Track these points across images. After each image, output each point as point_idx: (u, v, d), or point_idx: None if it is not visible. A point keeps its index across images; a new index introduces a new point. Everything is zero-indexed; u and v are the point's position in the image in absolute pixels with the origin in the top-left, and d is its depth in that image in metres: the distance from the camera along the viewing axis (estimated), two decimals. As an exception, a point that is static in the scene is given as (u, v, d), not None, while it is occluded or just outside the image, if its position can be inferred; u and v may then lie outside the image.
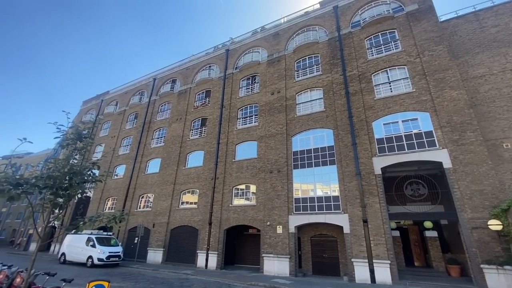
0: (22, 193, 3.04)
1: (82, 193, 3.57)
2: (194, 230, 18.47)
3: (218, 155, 19.81)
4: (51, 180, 3.08)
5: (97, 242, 16.80)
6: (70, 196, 3.34)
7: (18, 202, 46.45)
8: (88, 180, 3.47)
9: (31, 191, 3.05)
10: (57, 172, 3.23)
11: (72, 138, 3.60)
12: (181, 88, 25.65)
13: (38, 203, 3.34)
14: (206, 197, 18.92)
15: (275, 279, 12.77)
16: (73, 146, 3.61)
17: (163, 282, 11.55)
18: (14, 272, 5.33)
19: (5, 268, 5.55)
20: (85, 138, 3.69)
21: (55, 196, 3.17)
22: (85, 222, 3.45)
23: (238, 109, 20.97)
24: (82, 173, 3.37)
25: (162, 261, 18.59)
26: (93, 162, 3.64)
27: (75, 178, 3.22)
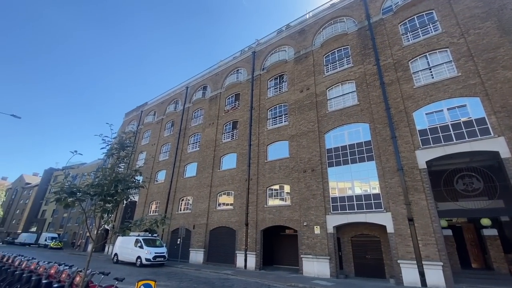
0: (76, 200, 3.41)
1: (127, 198, 3.87)
2: (231, 231, 18.89)
3: (250, 156, 20.03)
4: (99, 188, 3.40)
5: (144, 244, 18.07)
6: (117, 201, 3.65)
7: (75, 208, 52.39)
8: (131, 186, 3.75)
9: (83, 199, 3.41)
10: (104, 180, 3.55)
11: (116, 148, 3.93)
12: (212, 94, 26.50)
13: (90, 209, 3.70)
14: (241, 198, 19.22)
15: (315, 280, 12.47)
16: (117, 155, 3.93)
17: (205, 282, 11.98)
18: (74, 272, 5.97)
19: (67, 268, 6.25)
20: (127, 147, 4.00)
21: (104, 202, 3.49)
22: (130, 226, 3.73)
23: (267, 110, 20.99)
24: (126, 180, 3.66)
25: (203, 261, 19.33)
26: (135, 169, 3.94)
27: (120, 185, 3.51)
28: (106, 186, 3.44)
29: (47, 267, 6.77)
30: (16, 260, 8.49)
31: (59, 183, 3.35)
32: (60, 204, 3.37)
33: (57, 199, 3.32)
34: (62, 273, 5.93)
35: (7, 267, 8.13)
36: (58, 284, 5.41)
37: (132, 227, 3.73)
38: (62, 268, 6.31)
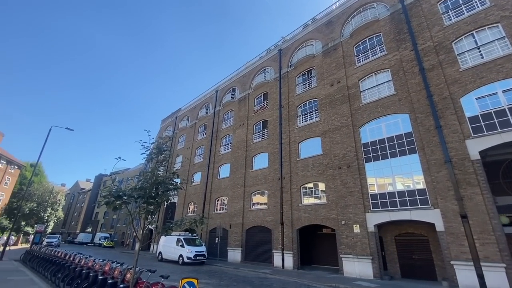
0: (122, 203, 3.69)
1: (167, 200, 4.07)
2: (267, 230, 18.94)
3: (282, 155, 19.88)
4: (142, 191, 3.64)
5: (185, 243, 18.97)
6: (158, 203, 3.86)
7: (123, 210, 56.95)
8: (170, 188, 3.95)
9: (128, 201, 3.67)
10: (146, 183, 3.79)
11: (155, 153, 4.17)
12: (241, 95, 26.86)
13: (135, 211, 3.97)
14: (275, 197, 19.16)
15: (357, 281, 11.93)
16: (156, 159, 4.16)
17: (244, 281, 12.17)
18: (125, 269, 6.46)
19: (118, 265, 6.80)
20: (164, 151, 4.22)
21: (147, 204, 3.72)
22: (172, 226, 3.92)
23: (297, 107, 20.65)
24: (165, 183, 3.86)
25: (241, 260, 19.67)
26: (173, 172, 4.15)
27: (160, 188, 3.71)
28: (148, 189, 3.67)
29: (102, 265, 7.44)
30: (76, 257, 9.49)
31: (107, 188, 3.66)
32: (108, 207, 3.68)
33: (106, 202, 3.62)
34: (115, 270, 6.47)
35: (69, 264, 9.12)
36: (112, 280, 5.92)
37: (173, 227, 3.91)
38: (115, 266, 6.88)
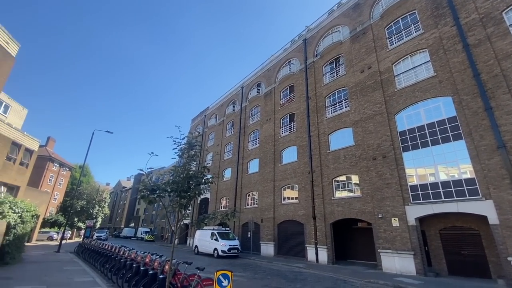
0: (156, 197, 3.84)
1: (199, 194, 4.15)
2: (299, 224, 18.72)
3: (311, 148, 19.40)
4: (174, 185, 3.74)
5: (218, 236, 19.53)
6: (191, 197, 3.95)
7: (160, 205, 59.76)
8: (202, 182, 4.01)
9: (163, 195, 3.81)
10: (178, 177, 3.89)
11: (186, 148, 4.26)
12: (266, 90, 26.68)
13: (169, 205, 4.10)
14: (306, 191, 18.82)
15: (398, 277, 11.27)
16: (187, 154, 4.26)
17: (278, 274, 12.17)
18: (164, 261, 6.79)
19: (157, 257, 7.19)
20: (194, 146, 4.29)
21: (180, 198, 3.82)
22: (205, 219, 3.98)
23: (325, 97, 19.94)
24: (197, 177, 3.92)
25: (274, 254, 19.74)
26: (204, 166, 4.21)
27: (192, 181, 3.79)
28: (180, 183, 3.77)
29: (143, 257, 7.93)
30: (121, 250, 10.25)
31: (143, 183, 3.84)
32: (144, 201, 3.85)
33: (141, 196, 3.80)
34: (154, 261, 6.85)
35: (115, 256, 9.88)
36: (153, 271, 6.25)
37: (207, 220, 3.97)
38: (154, 258, 7.28)
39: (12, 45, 12.10)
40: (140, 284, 6.34)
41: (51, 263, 12.69)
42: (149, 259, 7.38)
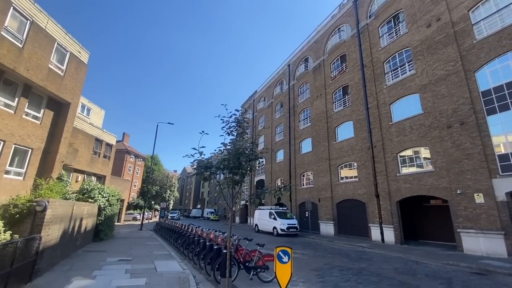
0: (211, 174, 3.95)
1: (251, 169, 4.10)
2: (360, 203, 17.70)
3: (369, 121, 17.76)
4: (225, 162, 3.78)
5: (276, 216, 19.95)
6: (243, 174, 3.94)
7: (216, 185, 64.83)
8: (252, 158, 3.95)
9: (217, 172, 3.89)
10: (229, 155, 3.91)
11: (234, 126, 4.25)
12: (315, 64, 25.13)
13: (223, 182, 4.18)
14: (366, 168, 17.52)
15: (484, 260, 9.73)
16: (235, 132, 4.24)
17: (340, 253, 11.83)
18: (226, 237, 7.18)
19: (220, 234, 7.67)
20: (242, 123, 4.23)
21: (232, 175, 3.85)
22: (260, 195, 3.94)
23: (383, 63, 17.72)
24: (246, 154, 3.87)
25: (334, 233, 19.27)
26: (252, 142, 4.14)
27: (242, 158, 3.75)
28: (232, 160, 3.78)
29: (208, 233, 8.58)
30: (189, 228, 11.32)
31: (197, 161, 4.00)
32: (200, 178, 4.00)
33: (196, 173, 3.95)
34: (218, 237, 7.32)
35: (185, 233, 11.00)
36: (217, 246, 6.70)
37: (263, 195, 3.94)
38: (218, 234, 7.79)
39: (84, 53, 13.95)
40: (207, 257, 6.87)
41: (135, 239, 14.91)
42: (213, 235, 7.94)
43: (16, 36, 10.13)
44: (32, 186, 10.64)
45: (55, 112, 12.65)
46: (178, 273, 6.88)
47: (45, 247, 6.09)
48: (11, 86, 10.50)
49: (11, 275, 4.61)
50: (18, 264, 4.86)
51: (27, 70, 10.48)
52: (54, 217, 6.48)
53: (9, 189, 9.78)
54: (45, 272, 6.27)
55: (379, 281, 7.06)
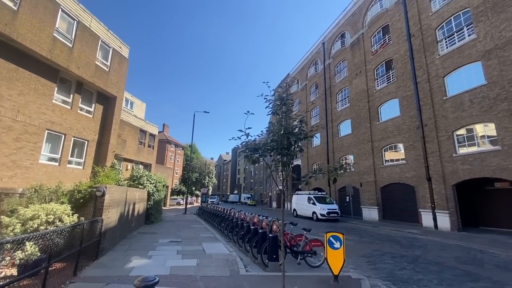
0: (259, 156, 3.77)
1: (300, 150, 3.83)
2: (408, 187, 16.42)
3: (418, 97, 16.06)
4: (274, 143, 3.56)
5: (315, 201, 19.55)
6: (291, 155, 3.69)
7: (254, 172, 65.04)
8: (301, 138, 3.66)
9: (265, 154, 3.70)
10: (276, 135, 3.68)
11: (278, 104, 3.97)
12: (353, 39, 23.27)
13: (272, 164, 3.99)
14: (415, 149, 16.05)
15: None
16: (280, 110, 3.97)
17: (389, 239, 11.16)
18: (271, 221, 7.12)
19: (264, 218, 7.63)
20: (287, 100, 3.94)
21: (281, 156, 3.62)
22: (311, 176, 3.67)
23: (435, 30, 15.64)
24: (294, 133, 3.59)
25: (379, 218, 18.31)
26: (301, 120, 3.83)
27: (292, 137, 3.49)
28: (280, 140, 3.55)
29: (251, 217, 8.62)
30: (231, 212, 11.59)
31: (244, 143, 3.85)
32: (248, 161, 3.86)
33: (245, 156, 3.81)
34: (262, 221, 7.29)
35: (228, 216, 11.29)
36: (262, 230, 6.66)
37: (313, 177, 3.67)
38: (261, 218, 7.77)
39: (124, 48, 14.64)
40: (253, 241, 6.89)
41: (181, 222, 15.84)
42: (257, 219, 7.94)
43: (66, 36, 10.90)
44: (90, 174, 11.75)
45: (104, 106, 13.61)
46: (225, 255, 7.05)
47: (106, 228, 6.65)
48: (66, 84, 11.46)
49: (81, 253, 5.09)
50: (86, 244, 5.35)
51: (78, 68, 11.31)
52: (112, 201, 7.02)
53: (72, 177, 10.91)
54: (108, 251, 6.89)
55: (440, 270, 6.44)
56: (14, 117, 9.04)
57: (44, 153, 10.29)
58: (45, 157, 10.39)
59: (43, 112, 10.14)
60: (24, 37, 8.97)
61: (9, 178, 8.73)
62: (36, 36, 9.42)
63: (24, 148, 9.33)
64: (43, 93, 10.16)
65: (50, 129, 10.45)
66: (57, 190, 6.50)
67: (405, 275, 5.96)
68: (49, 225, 5.06)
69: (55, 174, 10.45)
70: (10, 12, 8.51)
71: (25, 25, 9.02)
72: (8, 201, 5.92)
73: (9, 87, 8.91)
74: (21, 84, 9.32)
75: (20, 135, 9.23)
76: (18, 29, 8.78)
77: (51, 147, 10.70)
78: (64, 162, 11.10)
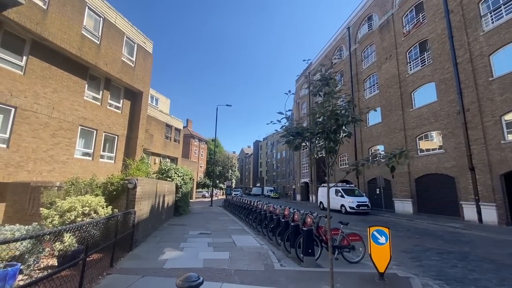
0: (302, 141, 3.42)
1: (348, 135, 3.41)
2: (447, 178, 15.18)
3: (459, 80, 14.62)
4: (321, 126, 3.18)
5: (344, 193, 18.81)
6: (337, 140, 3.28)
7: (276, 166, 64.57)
8: (350, 121, 3.22)
9: (310, 138, 3.33)
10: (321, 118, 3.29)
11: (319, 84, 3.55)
12: (381, 21, 21.72)
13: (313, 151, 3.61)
14: (455, 137, 14.73)
15: None
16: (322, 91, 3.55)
17: (428, 234, 10.36)
18: (304, 214, 6.76)
19: (296, 210, 7.27)
20: (330, 79, 3.50)
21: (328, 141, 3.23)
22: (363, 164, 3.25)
23: (477, 3, 14.07)
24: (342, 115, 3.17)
25: (413, 211, 17.23)
26: (349, 100, 3.39)
27: (340, 119, 3.08)
28: (328, 123, 3.16)
29: (281, 210, 8.31)
30: (259, 204, 11.35)
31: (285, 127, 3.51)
32: (289, 147, 3.51)
33: (287, 141, 3.46)
34: (294, 214, 6.93)
35: (255, 209, 11.10)
36: (294, 223, 6.34)
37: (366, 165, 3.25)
38: (292, 211, 7.43)
39: (148, 44, 14.80)
40: (286, 234, 6.60)
41: (209, 214, 15.99)
42: (288, 212, 7.62)
43: (93, 33, 11.14)
44: (121, 167, 12.11)
45: (131, 101, 13.91)
46: (256, 248, 6.85)
47: (139, 220, 6.71)
48: (95, 81, 11.79)
49: (116, 245, 5.12)
50: (120, 236, 5.38)
51: (106, 65, 11.56)
52: (143, 194, 7.07)
53: (105, 171, 11.29)
54: (141, 243, 6.98)
55: (496, 269, 5.74)
56: (50, 114, 9.44)
57: (78, 148, 10.72)
58: (79, 152, 10.83)
59: (76, 108, 10.51)
60: (54, 36, 9.24)
61: (48, 172, 9.18)
62: (66, 34, 9.68)
63: (60, 143, 9.75)
64: (75, 90, 10.51)
65: (83, 125, 10.84)
66: (92, 183, 6.64)
67: (457, 273, 5.36)
68: (85, 216, 5.13)
69: (89, 168, 10.87)
70: (40, 12, 8.77)
71: (55, 23, 9.28)
72: (47, 194, 6.13)
73: (43, 85, 9.28)
74: (55, 82, 9.68)
75: (56, 131, 9.63)
76: (49, 28, 9.05)
77: (84, 142, 11.13)
78: (97, 156, 11.52)
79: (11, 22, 8.04)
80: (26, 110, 8.65)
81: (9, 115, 8.32)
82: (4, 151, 8.05)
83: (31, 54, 8.93)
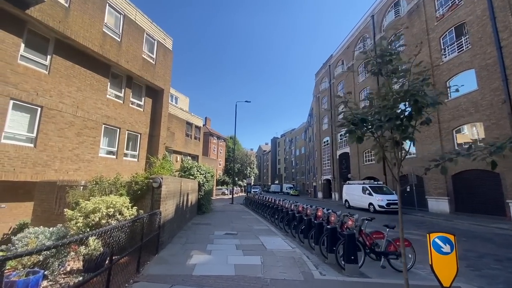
0: (367, 130, 2.83)
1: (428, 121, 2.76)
2: (490, 174, 13.75)
3: (504, 65, 13.16)
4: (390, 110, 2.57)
5: (372, 191, 17.76)
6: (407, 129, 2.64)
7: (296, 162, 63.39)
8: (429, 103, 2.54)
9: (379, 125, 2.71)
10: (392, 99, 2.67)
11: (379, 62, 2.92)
12: (410, 6, 20.20)
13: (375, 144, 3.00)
14: (500, 128, 13.30)
15: None
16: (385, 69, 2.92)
17: (474, 236, 9.30)
18: (341, 215, 6.11)
19: (331, 211, 6.60)
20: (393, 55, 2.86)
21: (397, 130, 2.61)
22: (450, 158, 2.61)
23: (529, -22, 12.44)
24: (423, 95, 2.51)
25: (450, 210, 15.90)
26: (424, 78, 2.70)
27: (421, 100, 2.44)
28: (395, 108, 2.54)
29: (312, 210, 7.67)
30: (284, 203, 10.75)
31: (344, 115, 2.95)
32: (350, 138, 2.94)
33: (348, 131, 2.89)
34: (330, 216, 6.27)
35: (281, 208, 10.55)
36: (331, 226, 5.72)
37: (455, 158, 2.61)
38: (327, 212, 6.78)
39: (168, 40, 14.61)
40: (322, 238, 6.02)
41: (231, 212, 15.65)
42: (321, 213, 7.00)
43: (114, 31, 11.03)
44: (145, 166, 12.02)
45: (153, 99, 13.80)
46: (289, 252, 6.32)
47: (165, 221, 6.40)
48: (117, 79, 11.73)
49: (142, 248, 4.80)
50: (147, 238, 5.06)
51: (127, 62, 11.44)
52: (168, 193, 6.76)
53: (128, 170, 11.23)
54: (167, 244, 6.68)
55: None
56: (75, 112, 9.42)
57: (102, 146, 10.70)
58: (104, 150, 10.82)
59: (99, 107, 10.47)
60: (77, 34, 9.17)
61: (74, 171, 9.18)
62: (88, 32, 9.60)
63: (85, 142, 9.74)
64: (98, 88, 10.46)
65: (106, 123, 10.81)
66: (116, 182, 6.41)
67: (533, 287, 4.52)
68: (109, 218, 4.85)
69: (113, 166, 10.84)
70: (62, 10, 8.70)
71: (77, 21, 9.20)
72: (72, 193, 5.97)
73: (68, 84, 9.26)
74: (78, 81, 9.65)
75: (81, 130, 9.62)
76: (71, 26, 8.97)
77: (108, 141, 11.11)
78: (121, 155, 11.48)
79: (34, 20, 8.01)
80: (51, 109, 8.66)
81: (35, 114, 8.35)
82: (31, 150, 8.09)
83: (55, 53, 8.92)
